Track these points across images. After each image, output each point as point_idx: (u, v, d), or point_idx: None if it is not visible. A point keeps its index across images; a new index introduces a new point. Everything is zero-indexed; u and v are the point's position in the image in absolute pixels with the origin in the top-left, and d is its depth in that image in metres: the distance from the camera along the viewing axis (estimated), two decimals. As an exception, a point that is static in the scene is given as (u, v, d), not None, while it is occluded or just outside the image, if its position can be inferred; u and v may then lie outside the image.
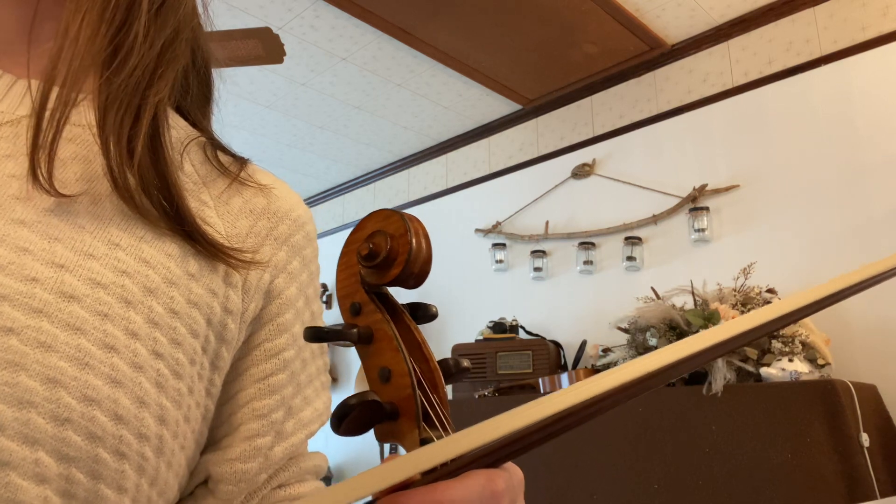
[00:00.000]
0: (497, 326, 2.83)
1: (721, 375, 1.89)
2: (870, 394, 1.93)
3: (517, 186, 3.29)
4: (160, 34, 0.45)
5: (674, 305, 2.15)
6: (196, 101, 0.55)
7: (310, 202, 4.46)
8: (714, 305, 2.06)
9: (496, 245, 3.22)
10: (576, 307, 2.92)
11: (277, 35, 2.22)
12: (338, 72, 2.95)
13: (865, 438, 1.67)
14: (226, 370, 0.48)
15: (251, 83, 3.03)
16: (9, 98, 0.45)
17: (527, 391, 2.49)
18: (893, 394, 2.02)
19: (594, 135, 3.04)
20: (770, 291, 2.14)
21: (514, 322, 2.86)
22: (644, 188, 2.79)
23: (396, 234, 0.32)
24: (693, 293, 2.17)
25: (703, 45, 2.72)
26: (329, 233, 4.27)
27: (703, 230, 2.56)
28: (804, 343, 1.92)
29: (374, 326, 0.32)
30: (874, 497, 1.58)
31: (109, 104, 0.42)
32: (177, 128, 0.50)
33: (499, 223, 3.28)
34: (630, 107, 2.93)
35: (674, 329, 2.06)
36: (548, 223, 3.10)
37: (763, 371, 1.90)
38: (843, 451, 1.65)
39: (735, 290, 2.15)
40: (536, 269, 3.06)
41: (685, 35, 2.73)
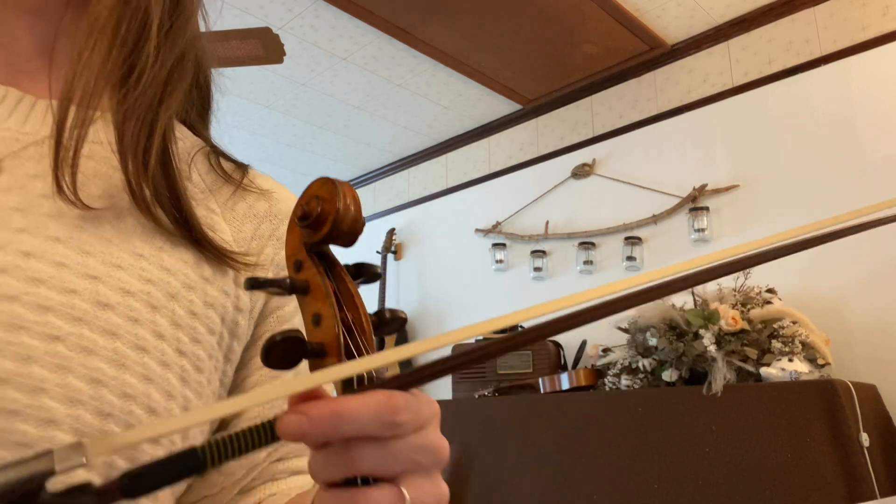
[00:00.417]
0: (497, 326, 2.83)
1: (721, 375, 1.89)
2: (870, 394, 1.93)
3: (517, 186, 3.29)
4: (170, 54, 0.48)
5: (674, 305, 2.15)
6: (198, 113, 0.58)
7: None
8: (714, 305, 2.06)
9: (496, 245, 3.22)
10: (575, 307, 2.92)
11: (277, 35, 2.22)
12: (338, 72, 2.95)
13: (865, 438, 1.67)
14: (237, 362, 0.53)
15: (251, 83, 3.03)
16: (32, 119, 0.47)
17: (527, 391, 2.49)
18: (893, 394, 2.02)
19: (594, 135, 3.04)
20: (770, 291, 2.14)
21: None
22: (644, 188, 2.79)
23: (327, 198, 0.36)
24: (693, 293, 2.17)
25: (703, 45, 2.72)
26: (329, 233, 4.28)
27: (703, 230, 2.56)
28: (804, 343, 1.92)
29: (311, 280, 0.37)
30: (874, 497, 1.58)
31: (126, 121, 0.46)
32: (183, 139, 0.54)
33: (499, 223, 3.28)
34: (630, 107, 2.93)
35: (674, 329, 2.06)
36: (548, 223, 3.10)
37: (763, 371, 1.90)
38: (843, 451, 1.65)
39: (735, 290, 2.15)
40: (536, 269, 3.06)
41: (685, 35, 2.73)
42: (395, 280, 3.77)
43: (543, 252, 3.08)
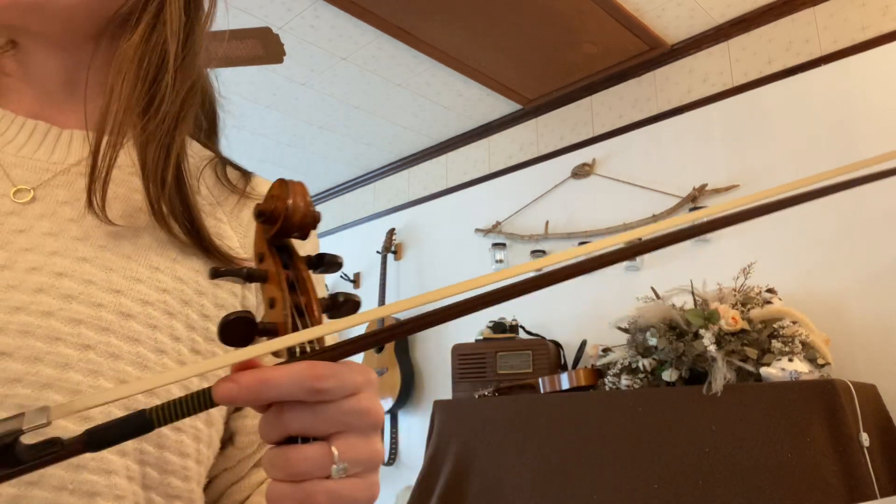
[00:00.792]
0: (497, 326, 2.83)
1: (721, 375, 1.89)
2: (870, 393, 1.93)
3: (517, 186, 3.29)
4: (184, 85, 0.54)
5: (674, 305, 2.15)
6: (206, 133, 0.66)
7: (318, 203, 4.45)
8: (714, 305, 2.06)
9: (496, 245, 3.22)
10: (576, 307, 2.92)
11: (277, 35, 2.22)
12: (338, 72, 2.95)
13: (865, 438, 1.67)
14: None
15: (251, 83, 3.03)
16: (58, 149, 0.53)
17: (527, 391, 2.49)
18: (893, 394, 2.02)
19: (594, 135, 3.04)
20: (770, 291, 2.14)
21: (514, 322, 2.86)
22: (644, 188, 2.79)
23: (280, 197, 0.41)
24: (693, 293, 2.17)
25: (703, 45, 2.72)
26: (329, 233, 4.27)
27: (703, 230, 2.55)
28: (804, 343, 1.92)
29: (269, 269, 0.41)
30: (874, 497, 1.58)
31: (148, 145, 0.52)
32: (192, 155, 0.60)
33: (499, 223, 3.28)
34: (630, 106, 2.93)
35: (674, 329, 2.06)
36: (548, 223, 3.10)
37: (763, 371, 1.90)
38: (843, 451, 1.64)
39: (735, 290, 2.15)
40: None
41: (685, 35, 2.73)
42: (395, 280, 3.77)
43: (543, 252, 3.08)
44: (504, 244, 3.21)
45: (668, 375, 2.04)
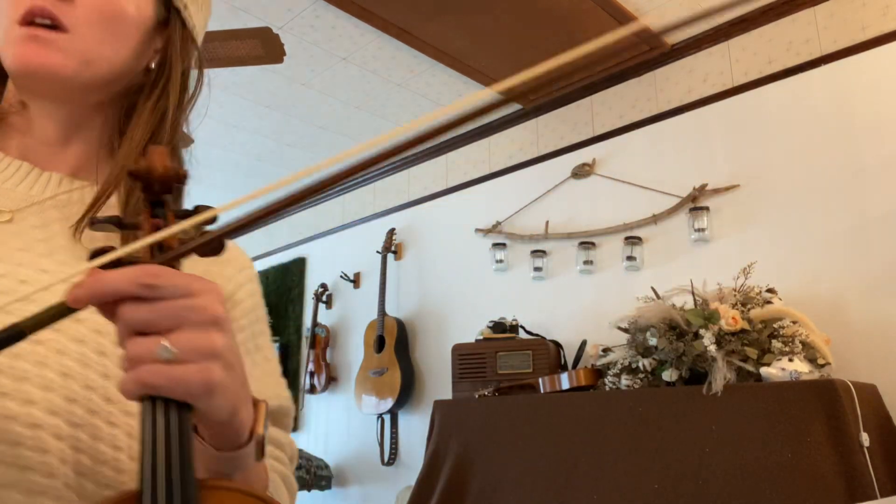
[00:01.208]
0: (497, 326, 2.83)
1: (721, 375, 1.89)
2: (870, 393, 1.93)
3: (517, 186, 3.29)
4: (177, 130, 0.67)
5: (674, 305, 2.15)
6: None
7: (310, 202, 4.45)
8: (714, 305, 2.06)
9: (496, 245, 3.22)
10: (576, 307, 2.92)
11: (277, 35, 2.22)
12: (338, 72, 2.95)
13: (865, 438, 1.67)
14: None
15: (251, 83, 3.03)
16: (37, 186, 0.63)
17: (527, 391, 2.49)
18: (893, 394, 2.02)
19: (594, 135, 3.04)
20: (770, 291, 2.14)
21: (514, 322, 2.86)
22: (644, 188, 2.79)
23: (144, 159, 0.49)
24: (693, 293, 2.17)
25: (703, 45, 2.71)
26: (329, 233, 4.27)
27: (703, 230, 2.55)
28: (804, 343, 1.92)
29: (140, 219, 0.49)
30: (874, 497, 1.58)
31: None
32: None
33: (499, 223, 3.28)
34: (630, 106, 2.93)
35: (674, 329, 2.06)
36: (548, 223, 3.10)
37: (763, 371, 1.90)
38: (843, 451, 1.64)
39: (735, 290, 2.15)
40: (536, 269, 3.06)
41: (685, 35, 2.73)
42: (395, 280, 3.77)
43: (543, 252, 3.08)
44: (504, 244, 3.21)
45: (668, 375, 2.04)
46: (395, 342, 3.53)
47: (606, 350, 2.35)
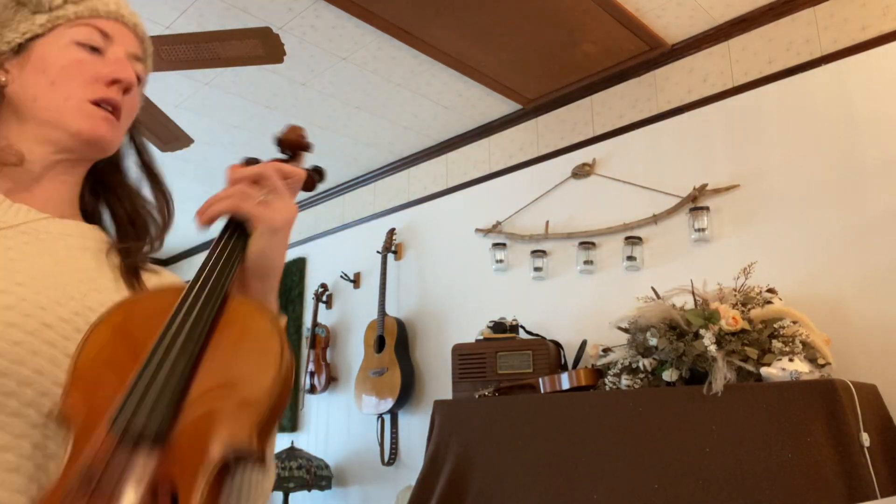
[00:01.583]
0: (497, 326, 2.83)
1: (721, 375, 1.89)
2: (870, 393, 1.92)
3: (517, 186, 3.29)
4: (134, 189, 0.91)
5: (674, 305, 2.15)
6: (135, 234, 0.91)
7: (310, 202, 4.45)
8: (714, 305, 2.06)
9: (496, 245, 3.22)
10: (576, 307, 2.92)
11: (277, 35, 2.22)
12: (338, 72, 2.95)
13: (866, 438, 1.67)
14: None
15: (251, 83, 3.03)
16: (8, 214, 0.74)
17: (527, 391, 2.49)
18: (894, 394, 2.02)
19: (594, 135, 3.04)
20: (770, 291, 2.14)
21: (514, 322, 2.86)
22: (644, 188, 2.79)
23: None
24: (693, 293, 2.17)
25: (704, 45, 2.72)
26: (329, 233, 4.27)
27: (704, 230, 2.56)
28: (804, 343, 1.92)
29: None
30: (874, 497, 1.58)
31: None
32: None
33: (499, 223, 3.28)
34: (630, 106, 2.93)
35: (674, 329, 2.06)
36: (548, 223, 3.10)
37: (763, 371, 1.90)
38: (844, 451, 1.64)
39: (735, 290, 2.15)
40: (536, 269, 3.06)
41: (685, 35, 2.73)
42: (395, 280, 3.77)
43: (543, 252, 3.08)
44: (504, 244, 3.21)
45: (669, 375, 2.04)
46: (396, 342, 3.53)
47: (606, 350, 2.35)
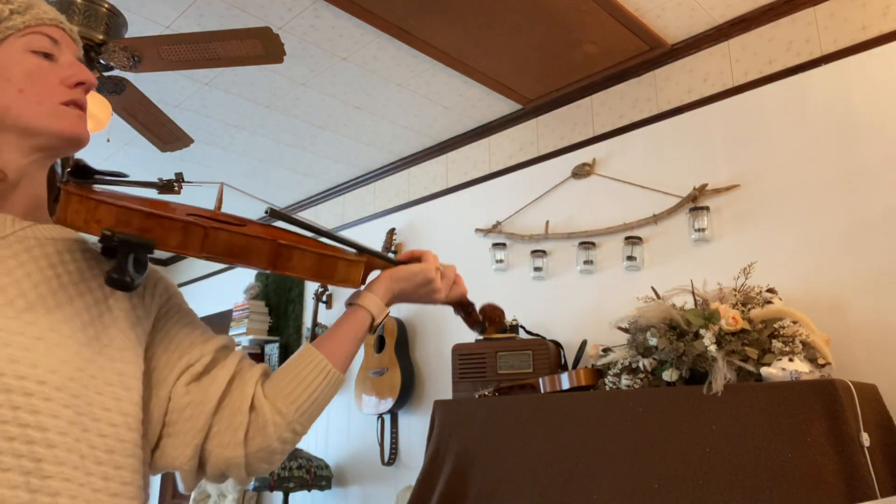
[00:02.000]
0: (497, 326, 2.82)
1: (721, 375, 1.89)
2: (870, 393, 1.92)
3: (517, 186, 3.29)
4: None
5: (674, 305, 2.15)
6: None
7: (310, 202, 4.45)
8: (714, 305, 2.06)
9: (496, 245, 3.22)
10: (576, 307, 2.92)
11: (277, 35, 2.22)
12: (338, 72, 2.95)
13: (866, 438, 1.67)
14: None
15: (251, 83, 3.03)
16: (7, 225, 0.81)
17: (527, 391, 2.49)
18: (894, 394, 2.02)
19: (594, 134, 3.04)
20: (770, 291, 2.14)
21: (515, 322, 2.86)
22: (644, 188, 2.79)
23: None
24: (693, 293, 2.17)
25: (704, 45, 2.72)
26: (329, 233, 4.27)
27: (704, 230, 2.56)
28: (804, 343, 1.92)
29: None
30: (874, 497, 1.58)
31: None
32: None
33: (499, 223, 3.28)
34: (630, 106, 2.93)
35: (674, 329, 2.06)
36: (548, 223, 3.10)
37: (763, 371, 1.90)
38: (844, 451, 1.64)
39: (735, 290, 2.15)
40: (536, 269, 3.06)
41: (685, 35, 2.73)
42: (396, 280, 3.77)
43: (544, 252, 3.08)
44: (504, 244, 3.21)
45: (669, 375, 2.04)
46: (396, 342, 3.53)
47: (606, 350, 2.35)
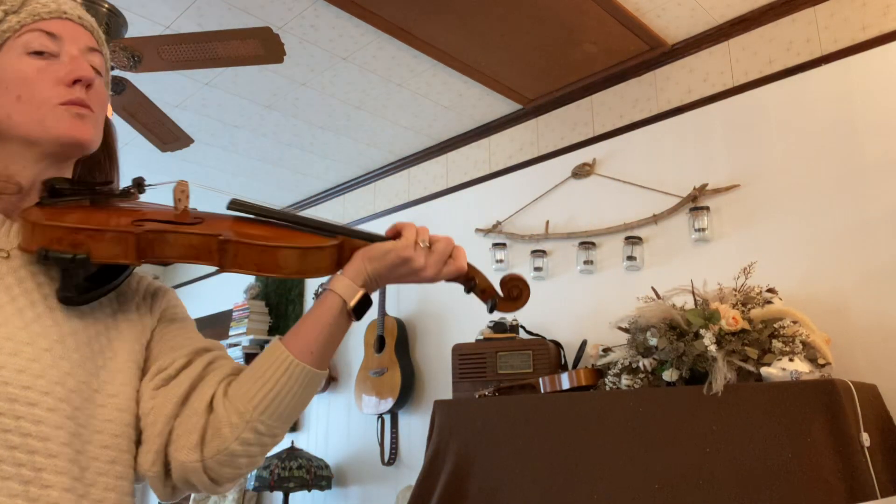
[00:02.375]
0: (497, 326, 2.83)
1: (721, 375, 1.89)
2: (870, 393, 1.92)
3: (517, 186, 3.29)
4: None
5: (674, 305, 2.15)
6: None
7: (310, 202, 4.45)
8: (714, 305, 2.06)
9: (496, 245, 3.22)
10: (576, 307, 2.92)
11: (277, 35, 2.22)
12: (338, 72, 2.95)
13: (866, 438, 1.67)
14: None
15: (251, 83, 3.03)
16: (11, 234, 0.81)
17: (527, 391, 2.49)
18: (894, 394, 2.02)
19: (594, 134, 3.04)
20: (770, 291, 2.14)
21: (515, 322, 2.86)
22: (644, 188, 2.79)
23: None
24: (693, 293, 2.17)
25: (704, 45, 2.72)
26: (329, 233, 4.27)
27: (704, 230, 2.56)
28: (805, 342, 1.92)
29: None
30: (874, 497, 1.58)
31: None
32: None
33: (499, 223, 3.28)
34: (630, 106, 2.93)
35: (674, 329, 2.06)
36: (548, 223, 3.10)
37: (763, 371, 1.90)
38: (844, 451, 1.64)
39: (735, 290, 2.15)
40: (536, 269, 3.06)
41: (685, 35, 2.73)
42: (396, 280, 3.77)
43: (544, 252, 3.08)
44: (504, 244, 3.21)
45: (669, 375, 2.04)
46: (396, 342, 3.53)
47: (607, 350, 2.35)
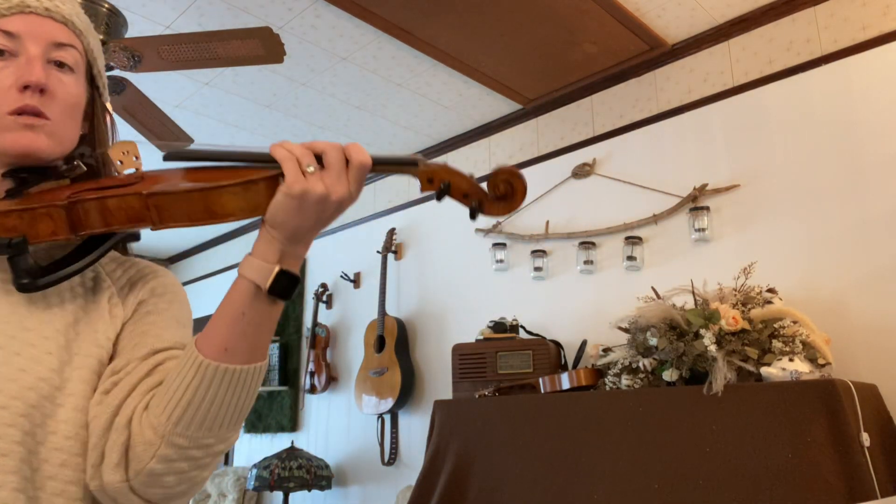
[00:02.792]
0: (497, 326, 2.83)
1: (721, 375, 1.89)
2: (870, 393, 1.93)
3: (517, 186, 3.28)
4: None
5: (674, 305, 2.15)
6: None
7: (310, 202, 4.45)
8: (714, 305, 2.06)
9: (496, 245, 3.22)
10: (576, 307, 2.92)
11: (277, 35, 2.22)
12: (338, 72, 2.95)
13: (866, 438, 1.67)
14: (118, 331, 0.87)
15: (251, 83, 3.03)
16: None
17: (527, 391, 2.49)
18: (894, 393, 2.02)
19: (594, 134, 3.04)
20: (770, 291, 2.14)
21: (515, 322, 2.86)
22: (644, 188, 2.79)
23: None
24: (693, 293, 2.17)
25: (704, 45, 2.72)
26: (329, 232, 4.27)
27: (704, 230, 2.55)
28: (805, 342, 1.92)
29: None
30: (874, 497, 1.58)
31: None
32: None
33: (499, 223, 3.28)
34: (630, 106, 2.93)
35: (674, 329, 2.06)
36: (548, 223, 3.10)
37: (763, 371, 1.90)
38: (844, 451, 1.64)
39: (735, 290, 2.15)
40: (537, 269, 3.06)
41: (686, 35, 2.73)
42: (396, 280, 3.77)
43: (544, 252, 3.08)
44: (504, 244, 3.21)
45: (669, 375, 2.04)
46: (396, 342, 3.53)
47: (607, 350, 2.35)
